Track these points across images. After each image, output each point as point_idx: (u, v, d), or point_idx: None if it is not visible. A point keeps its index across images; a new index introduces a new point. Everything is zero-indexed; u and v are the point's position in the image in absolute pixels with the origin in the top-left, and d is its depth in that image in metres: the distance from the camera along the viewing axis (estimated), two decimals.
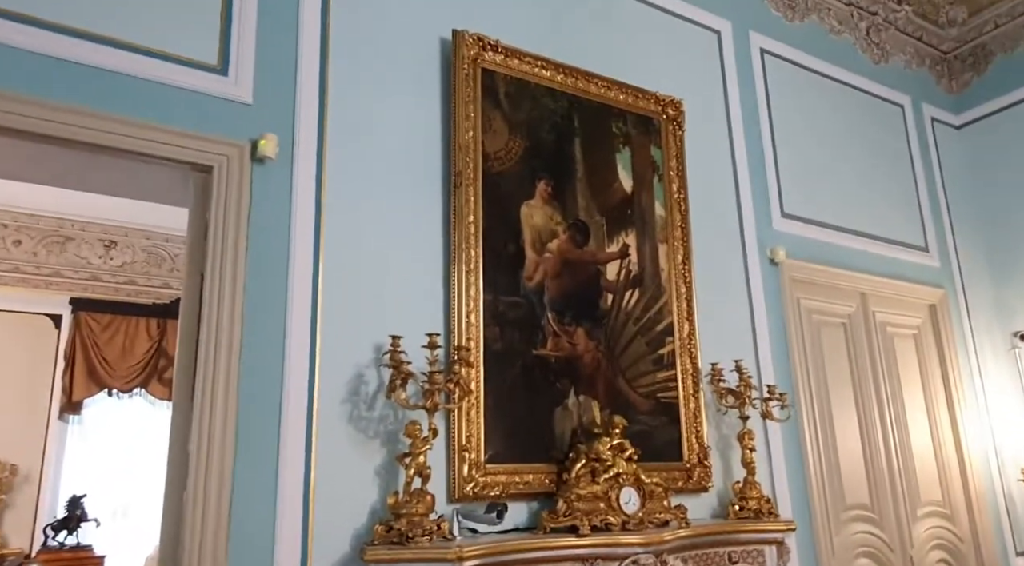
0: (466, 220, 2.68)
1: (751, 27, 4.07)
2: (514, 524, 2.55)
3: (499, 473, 2.56)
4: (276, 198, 2.38)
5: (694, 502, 3.00)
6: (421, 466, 2.27)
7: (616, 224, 3.14)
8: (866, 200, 4.29)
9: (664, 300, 3.19)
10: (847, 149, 4.31)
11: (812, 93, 4.27)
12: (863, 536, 3.64)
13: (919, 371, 4.25)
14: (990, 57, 4.94)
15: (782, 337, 3.63)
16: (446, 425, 2.50)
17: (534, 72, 3.01)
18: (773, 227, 3.79)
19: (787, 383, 3.52)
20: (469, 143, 2.74)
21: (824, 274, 3.92)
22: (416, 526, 2.18)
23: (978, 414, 4.37)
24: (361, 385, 2.42)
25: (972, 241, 4.78)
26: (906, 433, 4.03)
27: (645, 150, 3.32)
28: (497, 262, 2.74)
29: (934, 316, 4.42)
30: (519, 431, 2.65)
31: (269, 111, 2.43)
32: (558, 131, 3.05)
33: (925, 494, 3.99)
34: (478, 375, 2.59)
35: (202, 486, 2.06)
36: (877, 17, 4.67)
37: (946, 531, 4.01)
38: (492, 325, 2.67)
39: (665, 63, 3.61)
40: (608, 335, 2.98)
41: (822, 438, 3.64)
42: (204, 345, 2.13)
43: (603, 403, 2.89)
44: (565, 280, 2.92)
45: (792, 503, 3.37)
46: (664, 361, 3.12)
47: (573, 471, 2.61)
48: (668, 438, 3.04)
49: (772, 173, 3.88)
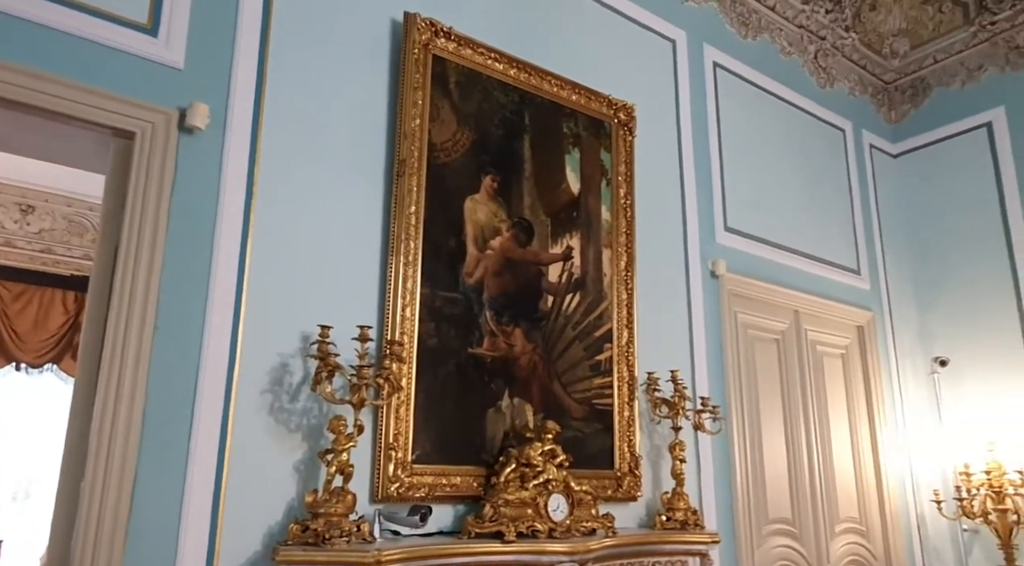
0: (407, 210, 2.58)
1: (705, 40, 4.10)
2: (439, 527, 2.47)
3: (426, 474, 2.47)
4: (204, 171, 2.23)
5: (623, 511, 2.98)
6: (344, 464, 2.16)
7: (561, 225, 3.09)
8: (805, 220, 4.38)
9: (605, 306, 3.16)
10: (790, 168, 4.39)
11: (760, 110, 4.33)
12: (783, 550, 3.68)
13: (845, 390, 4.35)
14: (928, 90, 5.12)
15: (718, 350, 3.65)
16: (373, 422, 2.40)
17: (487, 64, 2.94)
18: (716, 240, 3.82)
19: (720, 396, 3.54)
20: (415, 131, 2.65)
21: (761, 290, 3.97)
22: (334, 526, 2.07)
23: (897, 435, 4.51)
24: (285, 375, 2.29)
25: (901, 267, 4.94)
26: (829, 451, 4.11)
27: (595, 153, 3.29)
28: (437, 256, 2.65)
29: (861, 337, 4.54)
30: (449, 431, 2.56)
31: (201, 79, 2.28)
32: (508, 126, 2.98)
33: (843, 511, 4.08)
34: (410, 371, 2.49)
35: (101, 474, 1.90)
36: (825, 42, 4.78)
37: (861, 548, 4.11)
38: (428, 321, 2.58)
39: (619, 67, 3.60)
40: (546, 338, 2.93)
41: (750, 452, 3.67)
42: (113, 322, 1.97)
43: (537, 407, 2.82)
44: (506, 279, 2.85)
45: (718, 515, 3.39)
46: (601, 367, 3.08)
47: (502, 475, 2.54)
48: (601, 446, 3.00)
49: (718, 186, 3.91)
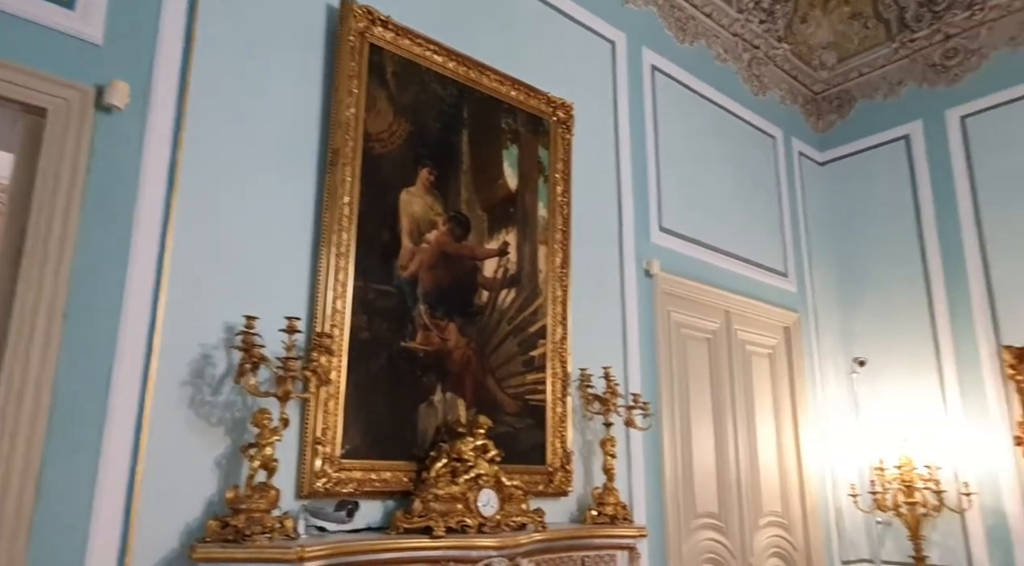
0: (341, 201, 2.53)
1: (644, 43, 4.17)
2: (367, 523, 2.43)
3: (355, 469, 2.43)
4: (122, 153, 2.13)
5: (554, 506, 3.00)
6: (268, 458, 2.10)
7: (498, 221, 3.09)
8: (737, 223, 4.51)
9: (540, 302, 3.17)
10: (723, 172, 4.51)
11: (696, 114, 4.43)
12: (709, 543, 3.78)
13: (771, 389, 4.50)
14: (853, 102, 5.35)
15: (651, 348, 3.71)
16: (300, 416, 2.34)
17: (425, 55, 2.91)
18: (651, 240, 3.89)
19: (652, 393, 3.61)
20: (350, 120, 2.59)
21: (694, 290, 4.06)
22: (256, 523, 2.02)
23: (818, 432, 4.68)
24: (207, 367, 2.21)
25: (825, 270, 5.14)
26: (755, 447, 4.24)
27: (533, 150, 3.30)
28: (370, 248, 2.61)
29: (788, 338, 4.70)
30: (380, 426, 2.53)
31: (122, 55, 2.18)
32: (445, 120, 2.96)
33: (767, 505, 4.22)
34: (340, 365, 2.44)
35: (3, 465, 1.79)
36: (759, 51, 4.94)
37: (782, 540, 4.26)
38: (360, 313, 2.54)
39: (559, 66, 3.62)
40: (480, 333, 2.92)
41: (680, 448, 3.75)
42: (19, 307, 1.86)
43: (470, 402, 2.81)
44: (441, 273, 2.83)
45: (647, 509, 3.45)
46: (535, 363, 3.09)
47: (433, 470, 2.52)
48: (533, 441, 3.01)
49: (653, 187, 3.98)
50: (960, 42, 4.81)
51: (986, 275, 4.46)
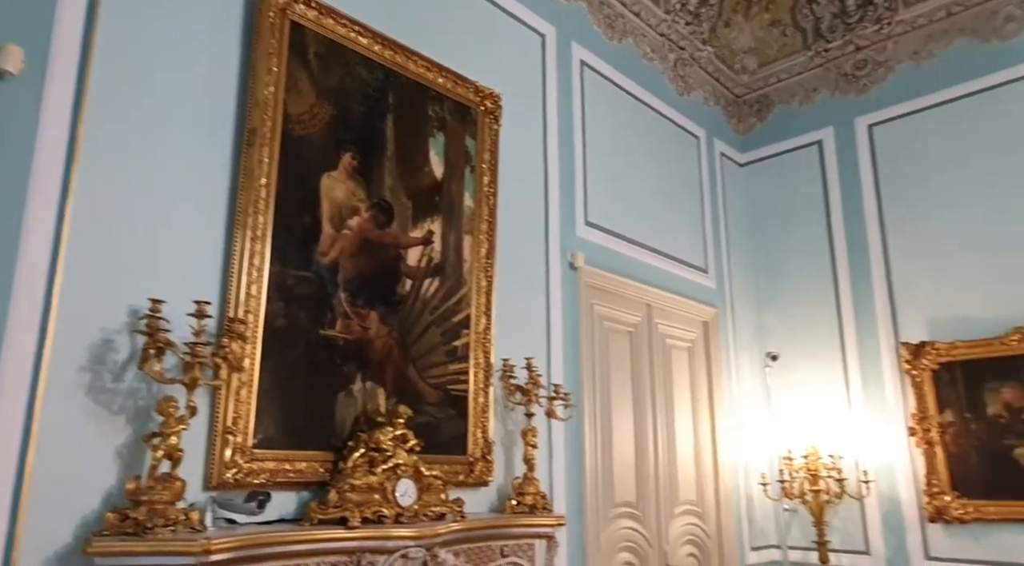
0: (257, 182, 2.44)
1: (574, 38, 4.21)
2: (280, 515, 2.36)
3: (268, 459, 2.35)
4: (15, 122, 1.98)
5: (474, 496, 3.00)
6: (172, 448, 2.01)
7: (423, 209, 3.06)
8: (660, 219, 4.61)
9: (464, 292, 3.16)
10: (648, 169, 4.61)
11: (623, 111, 4.51)
12: (627, 531, 3.86)
13: (689, 382, 4.63)
14: (771, 106, 5.57)
15: (574, 340, 3.75)
16: (211, 404, 2.25)
17: (350, 37, 2.84)
18: (576, 233, 3.93)
19: (574, 384, 3.65)
20: (268, 99, 2.51)
21: (617, 283, 4.13)
22: (158, 515, 1.92)
23: (733, 424, 4.85)
24: (109, 352, 2.09)
25: (743, 268, 5.33)
26: (673, 438, 4.36)
27: (460, 139, 3.28)
28: (289, 233, 2.53)
29: (706, 332, 4.85)
30: (296, 415, 2.46)
31: (15, 17, 2.02)
32: (370, 104, 2.90)
33: (683, 494, 4.34)
34: (254, 351, 2.36)
35: None
36: (684, 52, 5.07)
37: (697, 528, 4.40)
38: (276, 299, 2.46)
39: (489, 56, 3.61)
40: (403, 322, 2.88)
41: (600, 439, 3.82)
42: None
43: (391, 391, 2.77)
44: (363, 260, 2.77)
45: (567, 499, 3.49)
46: (458, 353, 3.08)
47: (350, 460, 2.47)
48: (454, 431, 3.00)
49: (580, 181, 4.03)
50: (869, 54, 5.07)
51: (887, 275, 4.73)
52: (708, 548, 4.43)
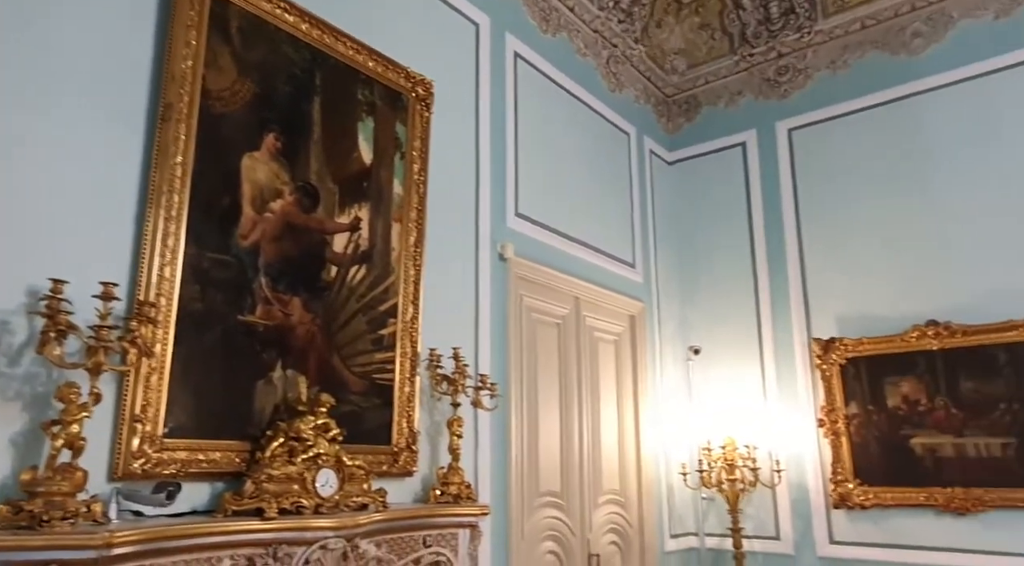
0: (172, 160, 2.33)
1: (508, 29, 4.21)
2: (192, 507, 2.27)
3: (179, 449, 2.26)
4: None
5: (398, 486, 2.96)
6: (74, 436, 1.90)
7: (350, 195, 2.99)
8: (589, 213, 4.67)
9: (391, 280, 3.11)
10: (579, 163, 4.66)
11: (555, 105, 4.54)
12: (551, 521, 3.91)
13: (615, 374, 4.71)
14: (699, 107, 5.72)
15: (502, 330, 3.76)
16: (117, 391, 2.14)
17: (275, 13, 2.75)
18: (506, 224, 3.93)
19: (501, 375, 3.66)
20: (186, 74, 2.40)
21: (546, 275, 4.16)
22: (56, 507, 1.81)
23: (656, 416, 4.97)
24: (4, 334, 1.96)
25: (669, 263, 5.46)
26: (598, 429, 4.43)
27: (390, 125, 3.22)
28: (207, 214, 2.43)
29: (633, 326, 4.94)
30: (211, 403, 2.37)
31: None
32: (296, 84, 2.82)
33: (606, 484, 4.42)
34: (166, 336, 2.26)
35: None
36: (617, 50, 5.14)
37: (619, 516, 4.49)
38: (192, 282, 2.36)
39: (421, 42, 3.56)
40: (327, 309, 2.81)
41: (526, 429, 3.84)
42: None
43: (313, 380, 2.71)
44: (286, 245, 2.69)
45: (492, 489, 3.49)
46: (384, 342, 3.03)
47: (268, 450, 2.40)
48: (379, 421, 2.96)
49: (511, 172, 4.03)
50: (791, 61, 5.27)
51: (802, 273, 4.95)
52: (629, 536, 4.53)
